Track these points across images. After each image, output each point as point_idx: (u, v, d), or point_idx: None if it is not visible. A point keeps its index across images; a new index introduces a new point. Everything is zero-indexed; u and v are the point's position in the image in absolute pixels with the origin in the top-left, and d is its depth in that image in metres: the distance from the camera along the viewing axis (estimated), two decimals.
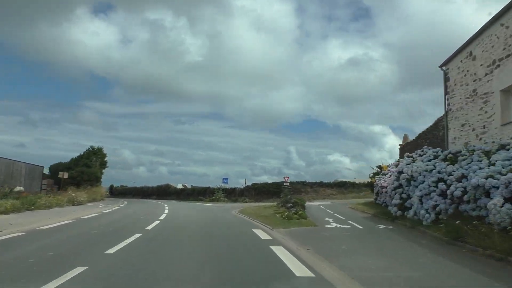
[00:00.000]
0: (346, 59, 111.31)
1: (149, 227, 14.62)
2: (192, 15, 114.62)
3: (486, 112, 16.54)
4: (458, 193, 12.12)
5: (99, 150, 56.03)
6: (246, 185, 46.19)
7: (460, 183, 12.30)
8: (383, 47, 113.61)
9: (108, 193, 79.52)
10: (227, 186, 44.91)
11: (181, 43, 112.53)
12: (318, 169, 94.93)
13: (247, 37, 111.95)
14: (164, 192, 61.23)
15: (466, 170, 12.35)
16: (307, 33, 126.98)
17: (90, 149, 55.00)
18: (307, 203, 28.71)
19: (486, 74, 16.48)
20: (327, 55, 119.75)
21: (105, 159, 57.38)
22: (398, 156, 29.34)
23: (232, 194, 45.27)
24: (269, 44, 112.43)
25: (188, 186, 63.94)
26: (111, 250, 8.79)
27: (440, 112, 22.17)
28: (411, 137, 29.85)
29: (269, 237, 11.87)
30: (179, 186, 70.65)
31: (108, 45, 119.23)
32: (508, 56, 14.89)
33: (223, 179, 44.31)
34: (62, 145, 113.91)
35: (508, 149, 12.68)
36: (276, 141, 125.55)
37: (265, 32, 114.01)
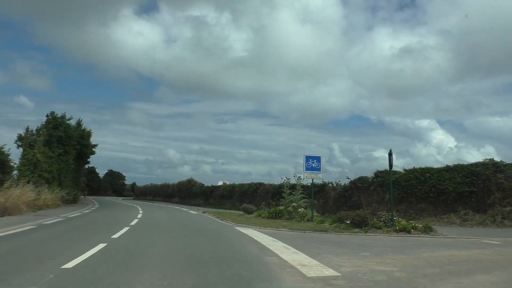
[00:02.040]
0: (398, 48, 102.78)
1: None
2: (235, 9, 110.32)
3: None
4: None
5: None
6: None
7: None
8: (437, 35, 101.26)
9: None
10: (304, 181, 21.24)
11: (225, 39, 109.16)
12: (363, 166, 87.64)
13: (292, 29, 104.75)
14: (187, 193, 43.33)
15: None
16: (354, 24, 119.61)
17: None
18: None
19: None
20: (376, 45, 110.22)
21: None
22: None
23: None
24: (314, 36, 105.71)
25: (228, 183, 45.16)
26: None
27: None
28: None
29: None
30: (220, 183, 51.36)
31: (152, 45, 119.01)
32: None
33: (308, 158, 17.95)
34: (111, 145, 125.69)
35: None
36: (319, 138, 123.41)
37: (311, 24, 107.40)
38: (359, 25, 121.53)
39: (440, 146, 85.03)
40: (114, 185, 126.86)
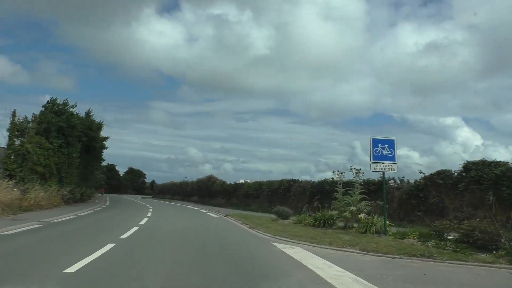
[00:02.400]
0: (424, 44, 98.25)
1: None
2: (256, 6, 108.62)
3: None
4: None
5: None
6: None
7: None
8: (464, 29, 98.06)
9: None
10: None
11: (246, 37, 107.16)
12: None
13: (314, 26, 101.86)
14: (207, 191, 38.30)
15: None
16: (377, 20, 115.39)
17: None
18: None
19: None
20: (400, 41, 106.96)
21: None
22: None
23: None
24: (337, 33, 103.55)
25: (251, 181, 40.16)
26: None
27: None
28: None
29: None
30: (241, 181, 46.20)
31: (174, 44, 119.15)
32: None
33: (376, 143, 12.44)
34: (133, 144, 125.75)
35: None
36: (340, 136, 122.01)
37: (333, 20, 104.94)
38: (382, 21, 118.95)
39: (466, 144, 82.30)
40: (134, 183, 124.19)
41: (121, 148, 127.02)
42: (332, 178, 17.81)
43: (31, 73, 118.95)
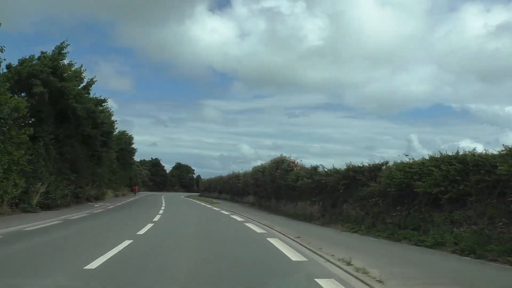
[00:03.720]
0: (495, 26, 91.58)
1: None
2: None
3: None
4: None
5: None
6: None
7: None
8: None
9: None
10: None
11: (300, 29, 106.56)
12: None
13: (370, 14, 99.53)
14: (276, 189, 24.99)
15: None
16: (438, 3, 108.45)
17: None
18: None
19: None
20: (466, 25, 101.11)
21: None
22: None
23: None
24: (395, 19, 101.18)
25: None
26: None
27: None
28: None
29: None
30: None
31: (226, 40, 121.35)
32: None
33: None
34: (186, 142, 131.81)
35: None
36: (395, 129, 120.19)
37: (391, 6, 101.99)
38: (443, 4, 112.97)
39: None
40: (182, 179, 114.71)
41: (175, 146, 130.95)
42: None
43: (91, 76, 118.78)
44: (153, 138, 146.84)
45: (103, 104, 27.47)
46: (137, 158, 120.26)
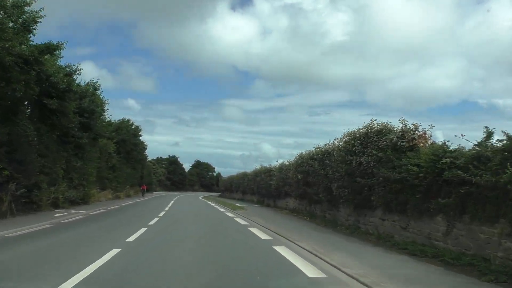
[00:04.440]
0: None
1: None
2: None
3: None
4: None
5: None
6: None
7: None
8: None
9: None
10: None
11: (323, 24, 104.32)
12: None
13: (397, 6, 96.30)
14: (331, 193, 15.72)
15: None
16: None
17: None
18: None
19: None
20: (499, 16, 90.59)
21: None
22: None
23: None
24: (422, 12, 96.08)
25: None
26: None
27: None
28: None
29: None
30: None
31: (248, 38, 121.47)
32: None
33: None
34: (208, 142, 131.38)
35: None
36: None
37: None
38: None
39: None
40: (202, 178, 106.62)
41: (197, 146, 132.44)
42: None
43: (115, 77, 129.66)
44: (175, 138, 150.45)
45: (76, 72, 18.56)
46: (153, 156, 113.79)
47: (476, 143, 6.58)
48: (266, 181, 23.94)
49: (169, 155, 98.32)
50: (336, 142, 11.80)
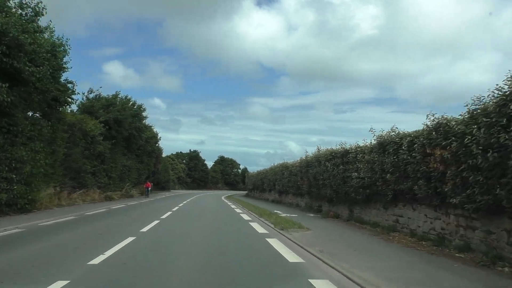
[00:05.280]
0: None
1: None
2: None
3: None
4: None
5: None
6: None
7: None
8: None
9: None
10: None
11: (351, 18, 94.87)
12: None
13: None
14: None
15: None
16: None
17: None
18: None
19: None
20: None
21: None
22: None
23: None
24: (456, 3, 74.83)
25: None
26: None
27: None
28: None
29: None
30: None
31: (274, 35, 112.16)
32: None
33: None
34: (233, 140, 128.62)
35: None
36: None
37: None
38: None
39: None
40: (226, 175, 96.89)
41: (222, 144, 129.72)
42: None
43: (142, 76, 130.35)
44: (200, 136, 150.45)
45: None
46: (172, 151, 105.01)
47: None
48: (336, 173, 13.35)
49: (189, 150, 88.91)
50: None
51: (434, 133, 7.72)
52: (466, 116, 6.89)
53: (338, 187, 13.33)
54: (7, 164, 12.50)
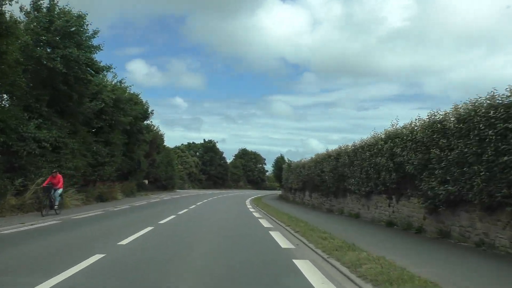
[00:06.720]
0: None
1: None
2: None
3: None
4: None
5: None
6: None
7: None
8: None
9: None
10: None
11: (380, 10, 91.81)
12: None
13: None
14: None
15: None
16: None
17: None
18: None
19: None
20: None
21: None
22: None
23: None
24: None
25: None
26: None
27: None
28: None
29: None
30: None
31: (298, 30, 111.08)
32: None
33: None
34: (254, 139, 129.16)
35: None
36: None
37: None
38: None
39: None
40: (248, 171, 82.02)
41: (243, 143, 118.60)
42: None
43: (165, 74, 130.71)
44: (221, 135, 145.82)
45: None
46: (181, 141, 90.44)
47: None
48: None
49: (204, 139, 73.90)
50: None
51: None
52: None
53: None
54: None
